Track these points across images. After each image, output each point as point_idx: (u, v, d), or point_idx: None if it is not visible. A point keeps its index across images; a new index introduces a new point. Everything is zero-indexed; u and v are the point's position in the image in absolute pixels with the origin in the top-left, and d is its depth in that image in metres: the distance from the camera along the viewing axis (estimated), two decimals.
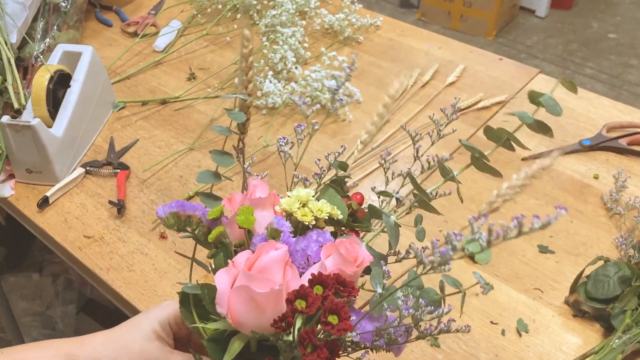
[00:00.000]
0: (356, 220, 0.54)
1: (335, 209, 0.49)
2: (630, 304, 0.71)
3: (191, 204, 0.49)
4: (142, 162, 0.99)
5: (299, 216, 0.48)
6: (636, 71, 2.88)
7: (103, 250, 0.84)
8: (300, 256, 0.47)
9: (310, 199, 0.49)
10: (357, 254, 0.45)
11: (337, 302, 0.39)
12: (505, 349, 0.73)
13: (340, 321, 0.39)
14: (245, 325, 0.43)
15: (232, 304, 0.42)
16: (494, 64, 1.21)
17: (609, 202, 0.90)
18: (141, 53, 1.24)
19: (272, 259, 0.43)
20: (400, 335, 0.45)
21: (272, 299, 0.41)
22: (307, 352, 0.39)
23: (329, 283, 0.41)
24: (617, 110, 1.08)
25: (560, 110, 0.50)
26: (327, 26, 1.28)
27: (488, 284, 0.47)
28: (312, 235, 0.47)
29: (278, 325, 0.40)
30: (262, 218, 0.49)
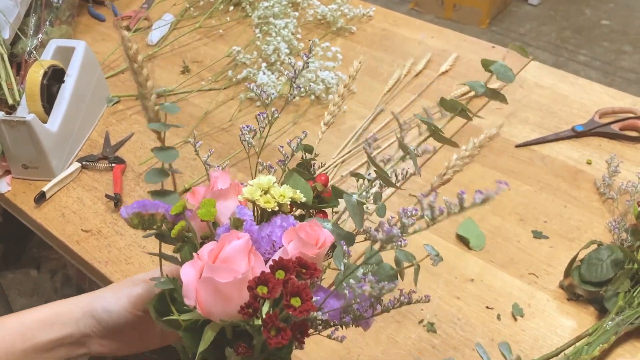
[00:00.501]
0: (322, 201, 0.55)
1: (298, 193, 0.50)
2: (623, 287, 0.72)
3: (153, 202, 0.49)
4: (138, 155, 0.99)
5: (262, 203, 0.48)
6: (629, 57, 2.89)
7: (101, 244, 0.85)
8: (266, 242, 0.47)
9: (272, 185, 0.49)
10: (318, 236, 0.46)
11: (299, 285, 0.40)
12: (501, 333, 0.74)
13: (303, 303, 0.40)
14: (214, 314, 0.43)
15: (200, 295, 0.43)
16: (486, 52, 1.21)
17: (602, 187, 0.91)
18: None
19: (234, 249, 0.43)
20: (366, 310, 0.46)
21: (237, 288, 0.42)
22: (271, 335, 0.39)
23: (290, 267, 0.41)
24: (609, 96, 1.09)
25: (512, 76, 0.50)
26: (320, 17, 1.28)
27: (438, 256, 0.47)
28: (276, 220, 0.48)
29: (245, 312, 0.40)
30: (226, 208, 0.49)
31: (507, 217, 0.88)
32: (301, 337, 0.41)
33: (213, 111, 1.08)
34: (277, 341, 0.39)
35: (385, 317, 0.75)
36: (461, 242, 0.84)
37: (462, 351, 0.72)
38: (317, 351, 0.72)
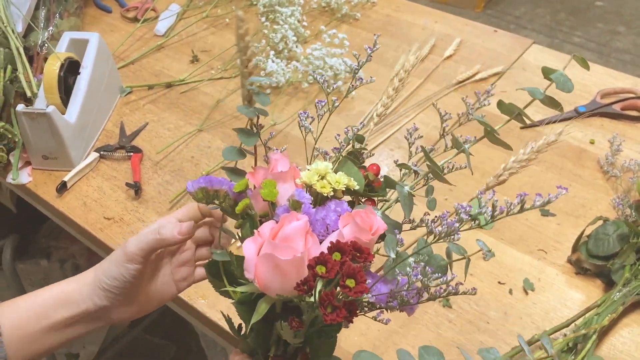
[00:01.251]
0: (372, 190, 0.57)
1: (352, 181, 0.52)
2: (629, 259, 0.76)
3: (218, 179, 0.52)
4: (154, 144, 1.01)
5: (318, 188, 0.50)
6: (624, 38, 2.91)
7: (124, 231, 0.88)
8: (320, 225, 0.49)
9: (328, 171, 0.51)
10: (372, 223, 0.48)
11: (354, 267, 0.43)
12: (513, 306, 0.77)
13: (357, 284, 0.42)
14: (271, 288, 0.46)
15: (259, 270, 0.46)
16: (489, 36, 1.24)
17: (605, 165, 0.94)
18: (142, 38, 1.26)
19: (294, 229, 0.46)
20: (412, 297, 0.49)
21: (295, 265, 0.45)
22: (327, 312, 0.42)
23: (346, 250, 0.44)
24: (610, 77, 1.12)
25: (571, 86, 0.53)
26: (324, 4, 1.30)
27: (490, 251, 0.50)
28: (331, 205, 0.50)
29: (301, 289, 0.43)
30: (284, 190, 0.52)
31: (514, 197, 0.90)
32: (350, 316, 0.43)
33: (224, 99, 1.10)
34: (332, 318, 0.42)
35: None
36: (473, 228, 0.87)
37: (477, 324, 0.75)
38: None
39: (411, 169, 0.56)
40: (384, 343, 0.74)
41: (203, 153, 1.00)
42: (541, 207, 0.43)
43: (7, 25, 1.02)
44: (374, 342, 0.74)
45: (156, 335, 1.78)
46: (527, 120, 0.55)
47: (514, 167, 0.52)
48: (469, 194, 0.91)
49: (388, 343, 0.74)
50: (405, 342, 0.74)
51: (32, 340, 0.54)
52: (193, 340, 1.73)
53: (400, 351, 0.46)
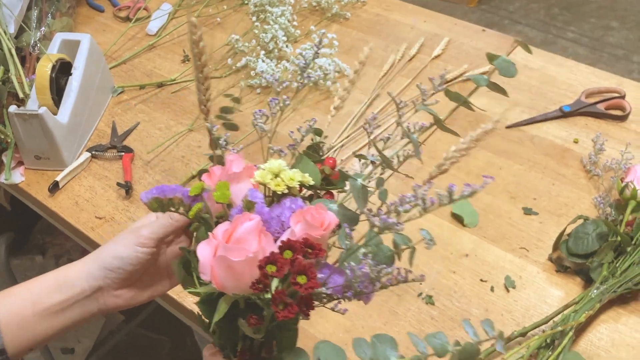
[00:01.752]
0: (330, 183, 0.58)
1: (307, 177, 0.53)
2: (607, 258, 0.78)
3: (170, 187, 0.53)
4: (145, 144, 1.03)
5: (272, 186, 0.51)
6: (617, 33, 2.93)
7: (115, 230, 0.89)
8: (275, 222, 0.50)
9: (282, 169, 0.52)
10: (323, 218, 0.49)
11: (305, 264, 0.44)
12: (494, 303, 0.79)
13: (308, 280, 0.43)
14: (228, 288, 0.47)
15: (215, 271, 0.47)
16: (477, 35, 1.25)
17: (588, 164, 0.96)
18: (135, 37, 1.27)
19: (246, 230, 0.47)
20: (366, 287, 0.50)
21: (248, 266, 0.46)
22: (279, 309, 0.43)
23: (297, 247, 0.45)
24: (596, 76, 1.14)
25: (514, 71, 0.54)
26: (315, 3, 1.32)
27: (431, 240, 0.50)
28: (286, 202, 0.51)
29: (256, 288, 0.44)
30: (239, 190, 0.52)
31: (499, 195, 0.93)
32: (307, 309, 0.45)
33: (215, 99, 1.11)
34: (284, 315, 0.43)
35: (386, 291, 0.80)
36: (456, 220, 0.89)
37: (459, 321, 0.77)
38: (322, 323, 0.77)
39: (368, 160, 0.57)
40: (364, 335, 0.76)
41: (193, 153, 1.01)
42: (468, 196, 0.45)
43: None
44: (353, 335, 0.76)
45: (151, 330, 1.80)
46: (474, 107, 0.56)
47: (454, 157, 0.54)
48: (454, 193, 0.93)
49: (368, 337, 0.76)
50: None
51: (28, 327, 0.55)
52: (188, 335, 1.76)
53: (357, 341, 0.48)
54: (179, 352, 1.77)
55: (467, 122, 1.05)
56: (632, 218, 0.82)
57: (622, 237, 0.78)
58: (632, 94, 1.07)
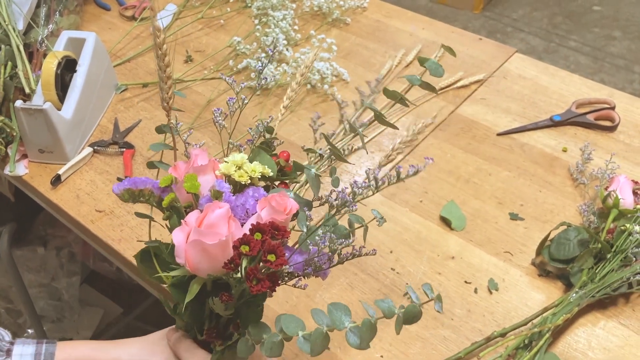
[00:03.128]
0: (284, 174, 0.64)
1: (266, 168, 0.59)
2: (587, 264, 0.80)
3: (142, 179, 0.58)
4: (146, 141, 1.06)
5: (236, 177, 0.57)
6: (619, 43, 2.95)
7: (114, 223, 0.92)
8: (240, 210, 0.56)
9: (244, 161, 0.58)
10: (286, 204, 0.54)
11: (274, 244, 0.49)
12: (477, 305, 0.82)
13: (277, 258, 0.49)
14: (201, 270, 0.52)
15: (189, 254, 0.52)
16: (473, 44, 1.28)
17: (575, 173, 0.99)
18: (139, 36, 1.31)
19: (217, 216, 0.52)
20: (324, 263, 0.56)
21: (221, 248, 0.51)
22: (253, 284, 0.49)
23: (266, 230, 0.51)
24: (587, 87, 1.16)
25: (442, 71, 0.61)
26: (316, 8, 1.35)
27: (382, 218, 0.57)
28: (249, 192, 0.57)
29: (228, 267, 0.49)
30: (205, 182, 0.58)
31: (487, 201, 0.95)
32: (272, 286, 0.50)
33: (216, 99, 1.15)
34: (257, 288, 0.49)
35: (373, 290, 0.84)
36: (444, 223, 0.92)
37: (442, 320, 0.80)
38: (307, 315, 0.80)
39: (317, 153, 0.63)
40: None
41: None
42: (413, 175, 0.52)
43: (8, 23, 1.07)
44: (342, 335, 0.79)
45: (149, 323, 1.83)
46: (409, 104, 0.62)
47: (400, 148, 0.61)
48: (444, 197, 0.96)
49: None
50: None
51: None
52: None
53: (314, 310, 0.52)
54: None
55: (459, 128, 1.08)
56: (613, 226, 0.85)
57: (602, 244, 0.80)
58: (622, 106, 1.10)
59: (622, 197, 0.86)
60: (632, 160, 1.01)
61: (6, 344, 0.61)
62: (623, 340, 0.78)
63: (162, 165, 0.65)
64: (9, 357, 0.60)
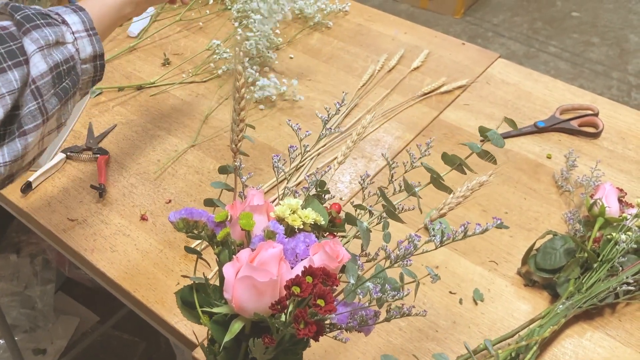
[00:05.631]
0: (334, 226, 0.65)
1: (319, 216, 0.60)
2: (574, 273, 0.79)
3: (198, 211, 0.59)
4: (121, 147, 1.03)
5: (290, 221, 0.58)
6: (597, 49, 2.98)
7: (87, 232, 0.89)
8: (290, 254, 0.56)
9: (298, 207, 0.59)
10: (339, 252, 0.55)
11: (324, 289, 0.49)
12: (462, 316, 0.80)
13: (327, 304, 0.49)
14: (246, 308, 0.52)
15: (236, 291, 0.52)
16: (456, 49, 1.27)
17: (560, 180, 0.98)
18: (115, 39, 1.27)
19: (270, 255, 0.52)
20: (370, 317, 0.56)
21: (270, 287, 0.51)
22: (300, 327, 0.49)
23: (318, 274, 0.50)
24: (571, 93, 1.16)
25: (503, 143, 0.64)
26: (298, 12, 1.32)
27: (436, 275, 0.58)
28: (300, 237, 0.57)
29: (275, 308, 0.50)
30: (258, 222, 0.59)
31: (471, 208, 0.94)
32: (317, 335, 0.50)
33: (193, 103, 1.12)
34: (304, 332, 0.48)
35: None
36: (427, 232, 0.90)
37: (426, 333, 0.78)
38: None
39: (366, 209, 0.64)
40: (335, 349, 0.76)
41: (170, 157, 1.01)
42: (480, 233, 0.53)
43: None
44: (325, 349, 0.76)
45: (125, 332, 1.79)
46: (467, 170, 0.64)
47: (452, 203, 0.62)
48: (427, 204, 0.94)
49: (339, 349, 0.76)
50: (355, 348, 0.76)
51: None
52: (162, 337, 1.75)
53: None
54: (153, 354, 1.76)
55: (442, 134, 1.06)
56: (599, 235, 0.83)
57: (589, 253, 0.79)
58: (606, 112, 1.10)
59: (608, 205, 0.85)
60: (615, 167, 1.01)
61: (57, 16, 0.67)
62: (610, 352, 0.76)
63: (219, 203, 0.66)
64: (66, 25, 0.67)
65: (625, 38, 3.06)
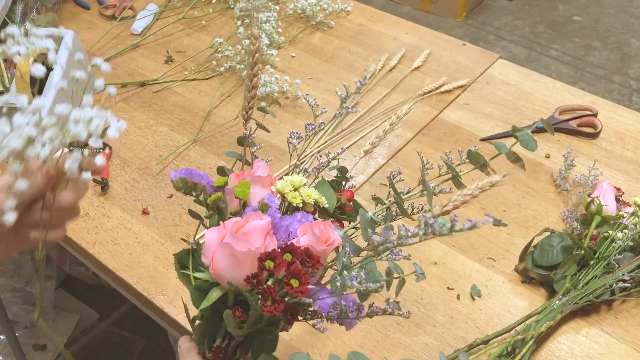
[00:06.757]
0: (343, 213, 0.62)
1: (322, 198, 0.57)
2: (570, 270, 0.80)
3: (199, 173, 0.56)
4: (123, 142, 1.04)
5: (289, 198, 0.55)
6: (598, 53, 2.98)
7: (89, 226, 0.90)
8: (283, 232, 0.53)
9: (302, 185, 0.56)
10: (329, 235, 0.51)
11: (300, 269, 0.46)
12: (459, 311, 0.81)
13: (300, 285, 0.46)
14: (224, 277, 0.50)
15: (216, 257, 0.50)
16: (457, 49, 1.28)
17: (558, 179, 0.98)
18: (119, 36, 1.28)
19: (256, 226, 0.50)
20: (352, 311, 0.53)
21: (250, 258, 0.48)
22: (267, 304, 0.46)
23: (297, 253, 0.48)
24: (570, 94, 1.16)
25: (535, 145, 0.60)
26: (300, 11, 1.33)
27: (422, 274, 0.55)
28: (297, 215, 0.54)
29: (249, 281, 0.46)
30: (259, 193, 0.56)
31: (470, 206, 0.94)
32: (291, 318, 0.47)
33: (195, 100, 1.12)
34: (269, 310, 0.45)
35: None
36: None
37: (424, 327, 0.79)
38: None
39: (383, 202, 0.61)
40: (333, 342, 0.77)
41: (172, 152, 1.02)
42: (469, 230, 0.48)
43: None
44: (324, 342, 0.77)
45: (125, 329, 1.80)
46: (491, 171, 0.60)
47: (458, 201, 0.58)
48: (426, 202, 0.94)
49: (337, 343, 0.77)
50: (354, 341, 0.77)
51: None
52: (161, 334, 1.75)
53: (332, 356, 0.50)
54: (152, 352, 1.77)
55: (442, 133, 1.07)
56: (596, 233, 0.84)
57: (586, 250, 0.80)
58: (604, 113, 1.10)
59: (605, 203, 0.86)
60: (614, 167, 1.01)
61: None
62: (605, 348, 0.77)
63: (229, 171, 0.63)
64: None
65: (627, 42, 3.06)
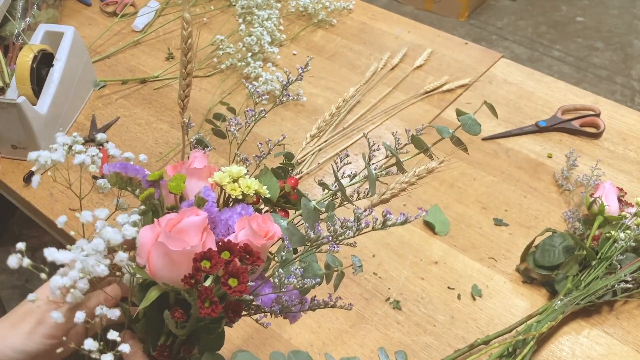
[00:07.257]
0: (288, 202, 0.59)
1: (264, 189, 0.54)
2: (572, 271, 0.79)
3: (134, 167, 0.53)
4: (123, 139, 1.03)
5: (228, 190, 0.52)
6: (601, 54, 2.97)
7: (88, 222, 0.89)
8: (222, 225, 0.51)
9: (242, 175, 0.53)
10: (268, 229, 0.49)
11: (239, 268, 0.44)
12: (460, 311, 0.80)
13: (239, 284, 0.43)
14: (160, 277, 0.47)
15: (151, 257, 0.47)
16: (459, 48, 1.27)
17: (560, 179, 0.98)
18: (120, 33, 1.28)
19: (190, 223, 0.47)
20: (294, 305, 0.51)
21: (185, 258, 0.45)
22: (204, 306, 0.43)
23: (235, 250, 0.45)
24: (572, 93, 1.16)
25: (478, 130, 0.58)
26: (302, 9, 1.33)
27: (360, 266, 0.53)
28: (237, 208, 0.51)
29: (187, 281, 0.44)
30: (196, 186, 0.53)
31: (471, 205, 0.94)
32: (233, 315, 0.45)
33: (196, 97, 1.12)
34: (206, 312, 0.43)
35: (355, 295, 0.82)
36: (427, 228, 0.90)
37: (424, 327, 0.78)
38: (289, 325, 0.78)
39: (328, 188, 0.59)
40: (333, 342, 0.77)
41: (172, 150, 1.02)
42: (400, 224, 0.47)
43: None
44: (323, 340, 0.77)
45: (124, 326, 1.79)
46: (434, 156, 0.59)
47: (395, 189, 0.57)
48: (427, 201, 0.94)
49: (337, 342, 0.77)
50: (353, 341, 0.77)
51: None
52: None
53: (273, 353, 0.49)
54: None
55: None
56: (598, 233, 0.84)
57: (588, 251, 0.79)
58: (607, 113, 1.10)
59: (608, 203, 0.85)
60: (616, 167, 1.01)
61: None
62: (607, 349, 0.77)
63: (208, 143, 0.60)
64: None
65: (630, 43, 3.06)
